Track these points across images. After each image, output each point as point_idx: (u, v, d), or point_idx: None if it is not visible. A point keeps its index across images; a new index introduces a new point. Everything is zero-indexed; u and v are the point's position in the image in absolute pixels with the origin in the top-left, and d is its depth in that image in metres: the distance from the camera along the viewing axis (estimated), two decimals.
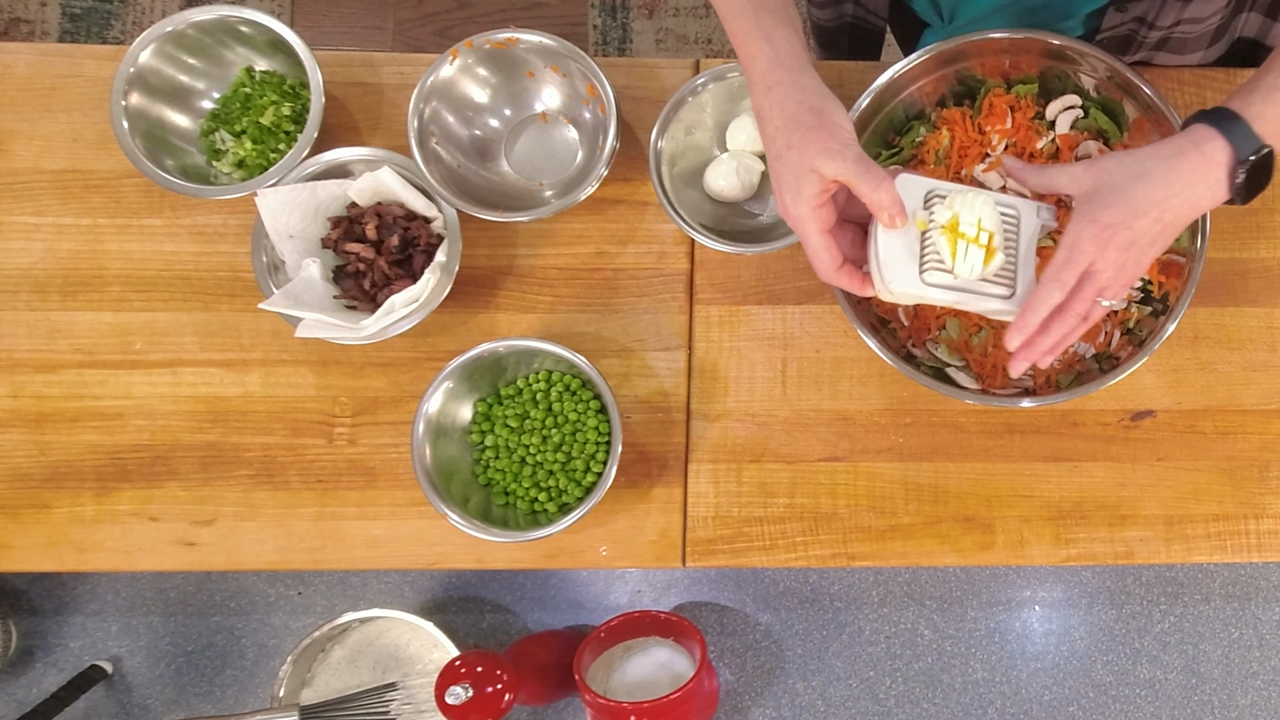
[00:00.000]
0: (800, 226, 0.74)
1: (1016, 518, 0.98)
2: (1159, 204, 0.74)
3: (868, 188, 0.72)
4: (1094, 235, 0.73)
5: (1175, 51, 1.00)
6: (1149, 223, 0.74)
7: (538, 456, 0.95)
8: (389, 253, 0.95)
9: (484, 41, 0.96)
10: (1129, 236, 0.73)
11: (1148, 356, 0.87)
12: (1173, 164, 0.75)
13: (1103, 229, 0.73)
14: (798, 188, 0.73)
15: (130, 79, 0.96)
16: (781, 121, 0.74)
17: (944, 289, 0.77)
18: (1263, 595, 1.07)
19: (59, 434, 0.98)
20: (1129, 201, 0.74)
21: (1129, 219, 0.73)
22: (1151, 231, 0.74)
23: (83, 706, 1.03)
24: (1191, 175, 0.74)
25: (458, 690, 0.85)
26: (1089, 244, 0.73)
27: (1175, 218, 0.75)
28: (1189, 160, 0.75)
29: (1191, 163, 0.75)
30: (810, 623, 1.06)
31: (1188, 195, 0.74)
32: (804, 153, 0.72)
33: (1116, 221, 0.73)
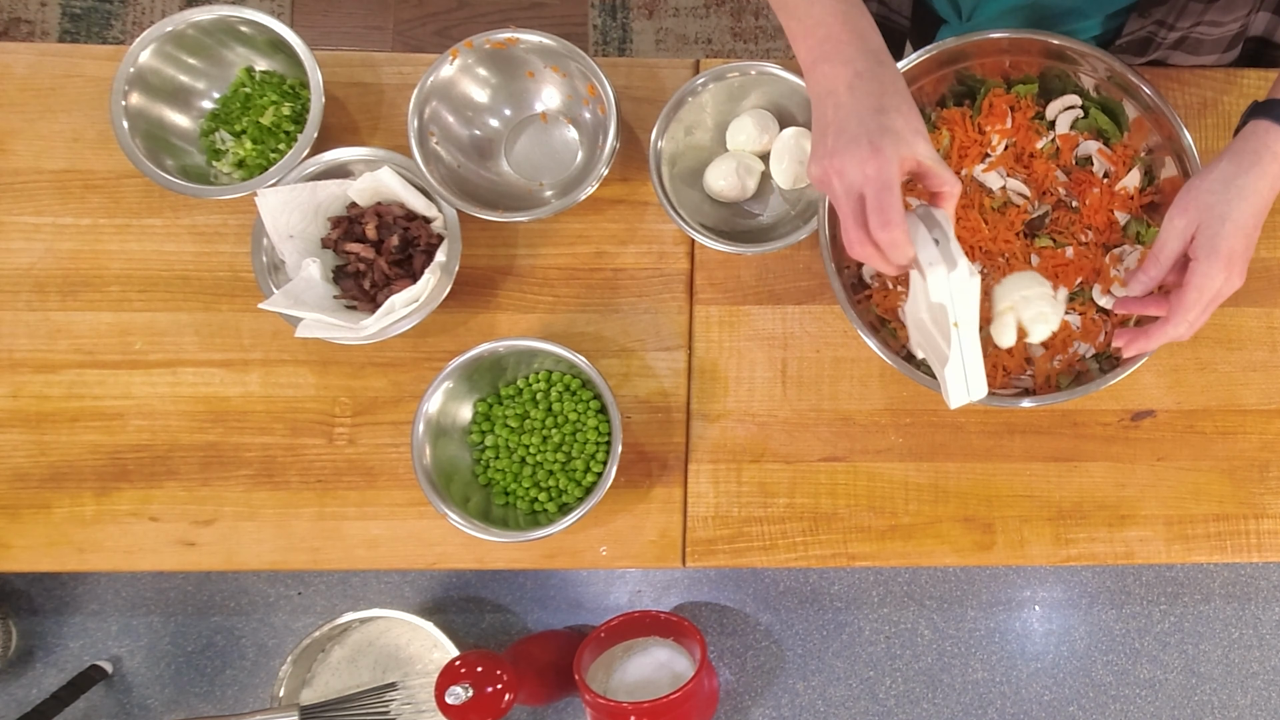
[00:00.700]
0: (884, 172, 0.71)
1: (1016, 518, 0.98)
2: (1259, 212, 0.78)
3: (950, 178, 0.74)
4: (1223, 267, 0.78)
5: (1190, 52, 1.00)
6: (1256, 231, 0.79)
7: (538, 456, 0.95)
8: (389, 253, 0.95)
9: (484, 41, 0.96)
10: (1248, 253, 0.79)
11: (1148, 356, 0.87)
12: (1260, 173, 0.78)
13: (1227, 260, 0.78)
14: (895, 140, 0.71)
15: (130, 79, 0.96)
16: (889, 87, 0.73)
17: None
18: (1263, 595, 1.07)
19: (59, 434, 0.98)
20: (1240, 225, 0.78)
21: (1244, 240, 0.78)
22: (1257, 234, 0.79)
23: (83, 706, 1.03)
24: (1276, 177, 0.78)
25: (458, 690, 0.85)
26: (1219, 274, 0.78)
27: (1263, 218, 0.79)
28: (1267, 166, 0.78)
29: (1267, 165, 0.78)
30: (810, 623, 1.06)
31: (1269, 195, 0.79)
32: (908, 123, 0.72)
33: (1237, 248, 0.78)
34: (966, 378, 0.78)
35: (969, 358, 0.77)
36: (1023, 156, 0.96)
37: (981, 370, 0.78)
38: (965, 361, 0.77)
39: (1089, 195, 0.95)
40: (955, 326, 0.76)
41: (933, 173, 0.73)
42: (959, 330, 0.76)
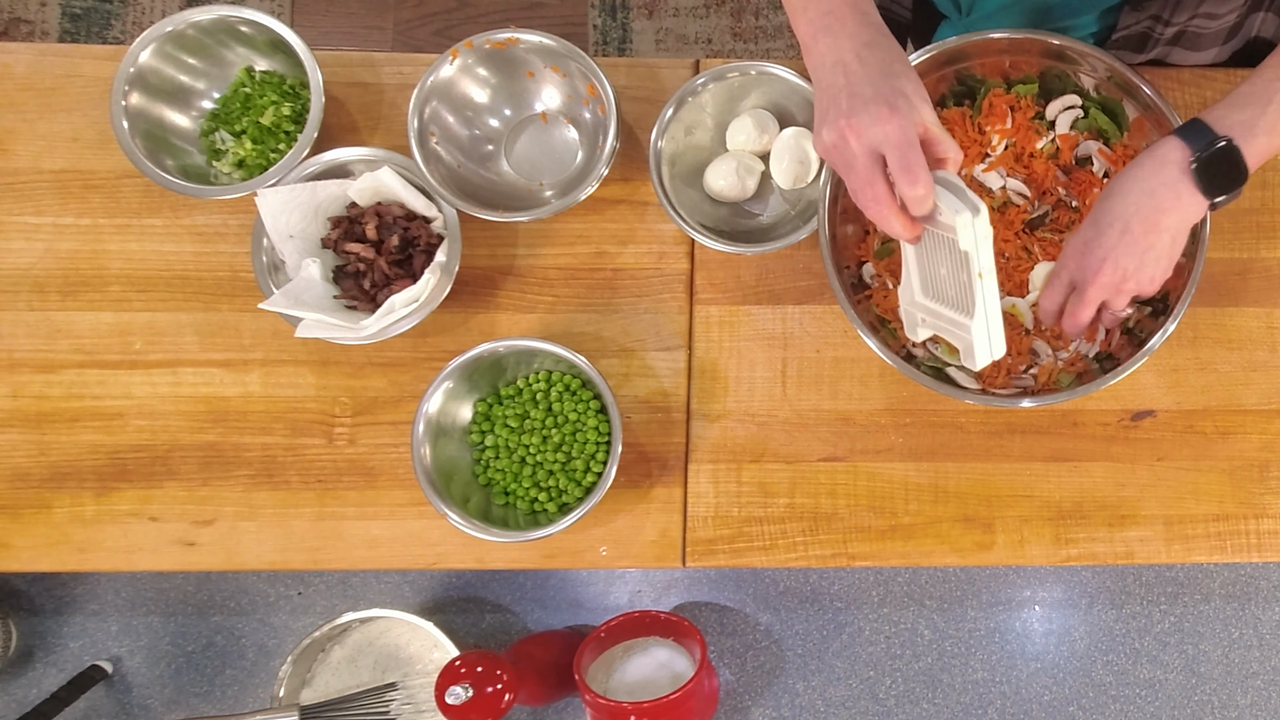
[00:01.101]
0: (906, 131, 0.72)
1: (1016, 518, 0.98)
2: (1119, 217, 0.79)
3: (952, 144, 0.75)
4: (1071, 254, 0.81)
5: (1189, 47, 1.00)
6: (1114, 236, 0.78)
7: (538, 456, 0.95)
8: (389, 253, 0.95)
9: (484, 41, 0.96)
10: (1099, 253, 0.79)
11: (1148, 356, 0.87)
12: (1128, 174, 0.79)
13: (1077, 247, 0.80)
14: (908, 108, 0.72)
15: (130, 79, 0.96)
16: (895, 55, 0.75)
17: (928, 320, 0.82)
18: (1263, 595, 1.07)
19: (59, 434, 0.98)
20: (1095, 221, 0.80)
21: (1095, 236, 0.79)
22: (1121, 244, 0.79)
23: (83, 706, 1.03)
24: (1146, 179, 0.78)
25: (458, 690, 0.85)
26: (1068, 260, 0.81)
27: (1143, 227, 0.79)
28: (1142, 167, 0.79)
29: (1144, 168, 0.79)
30: (810, 623, 1.06)
31: (1146, 200, 0.78)
32: (914, 91, 0.73)
33: (1088, 238, 0.80)
34: (989, 334, 0.79)
35: (991, 311, 0.78)
36: (1023, 156, 0.96)
37: (1001, 325, 0.79)
38: (989, 316, 0.78)
39: (1089, 195, 0.95)
40: (980, 278, 0.76)
41: (937, 139, 0.75)
42: (984, 281, 0.76)
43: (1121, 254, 0.78)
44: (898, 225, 0.75)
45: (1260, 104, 0.78)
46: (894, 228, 0.75)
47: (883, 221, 0.75)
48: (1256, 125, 0.77)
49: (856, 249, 0.97)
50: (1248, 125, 0.77)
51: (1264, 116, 0.77)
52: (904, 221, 0.75)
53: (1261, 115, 0.77)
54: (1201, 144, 0.77)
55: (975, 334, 0.79)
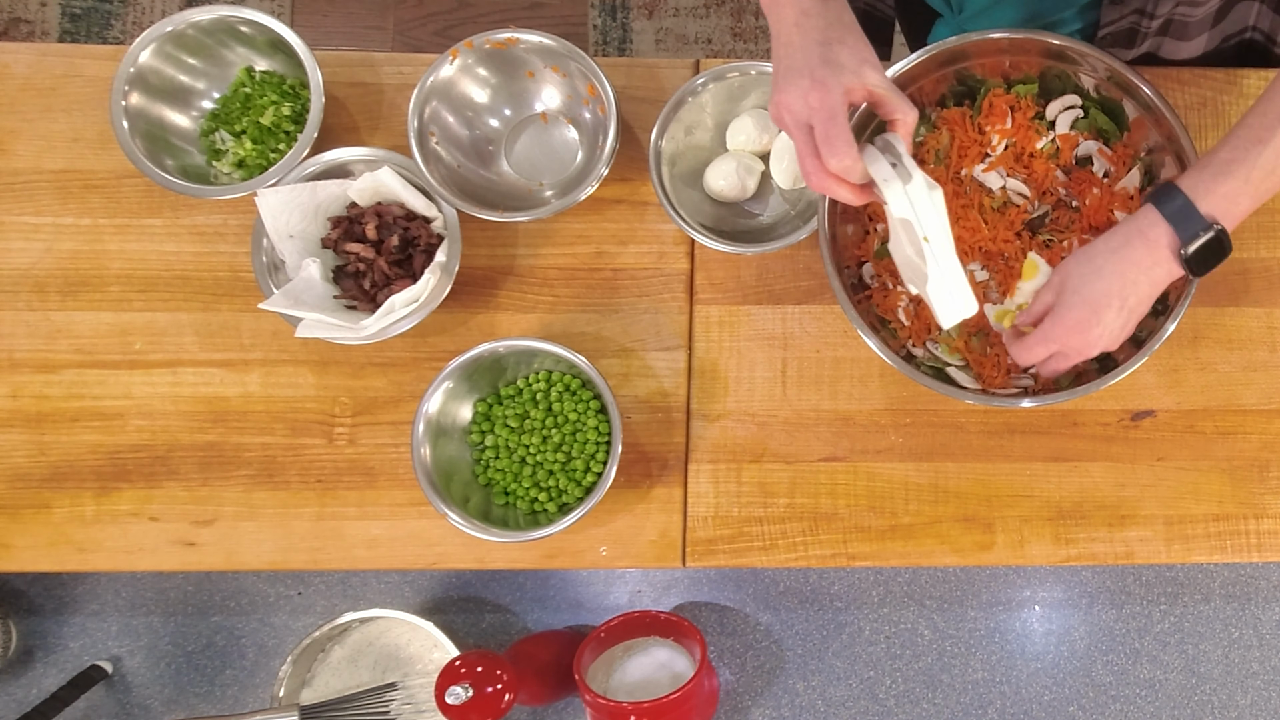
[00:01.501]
0: (827, 100, 0.72)
1: (1016, 518, 0.98)
2: (1117, 295, 0.80)
3: (904, 105, 0.75)
4: (1064, 331, 0.81)
5: (1178, 37, 1.00)
6: (1113, 315, 0.80)
7: (538, 456, 0.95)
8: (389, 253, 0.95)
9: (484, 41, 0.96)
10: (1097, 331, 0.80)
11: (1148, 356, 0.87)
12: (1122, 255, 0.80)
13: (1069, 327, 0.81)
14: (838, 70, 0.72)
15: (130, 79, 0.96)
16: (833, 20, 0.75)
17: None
18: (1263, 595, 1.07)
19: (59, 434, 0.98)
20: (1088, 301, 0.80)
21: (1092, 316, 0.80)
22: (1119, 320, 0.80)
23: (83, 706, 1.03)
24: (1141, 263, 0.80)
25: (458, 690, 0.85)
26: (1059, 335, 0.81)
27: (1138, 299, 0.81)
28: (1135, 250, 0.80)
29: (1138, 252, 0.80)
30: (810, 623, 1.06)
31: (1143, 280, 0.80)
32: (854, 53, 0.73)
33: (1082, 319, 0.80)
34: (952, 295, 0.79)
35: (948, 272, 0.78)
36: (1023, 156, 0.96)
37: (966, 285, 0.79)
38: (945, 276, 0.78)
39: (1089, 195, 0.95)
40: (925, 241, 0.77)
41: (885, 100, 0.75)
42: (930, 245, 0.77)
43: (1116, 327, 0.81)
44: (844, 194, 0.76)
45: (1244, 171, 0.77)
46: (841, 196, 0.76)
47: (827, 192, 0.76)
48: (1240, 195, 0.77)
49: (856, 249, 0.97)
50: (1232, 200, 0.77)
51: (1248, 184, 0.77)
52: (849, 190, 0.76)
53: (1245, 184, 0.77)
54: (1189, 233, 0.78)
55: (933, 296, 0.79)
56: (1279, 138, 0.76)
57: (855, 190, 0.76)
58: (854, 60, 0.73)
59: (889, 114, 0.76)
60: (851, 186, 0.76)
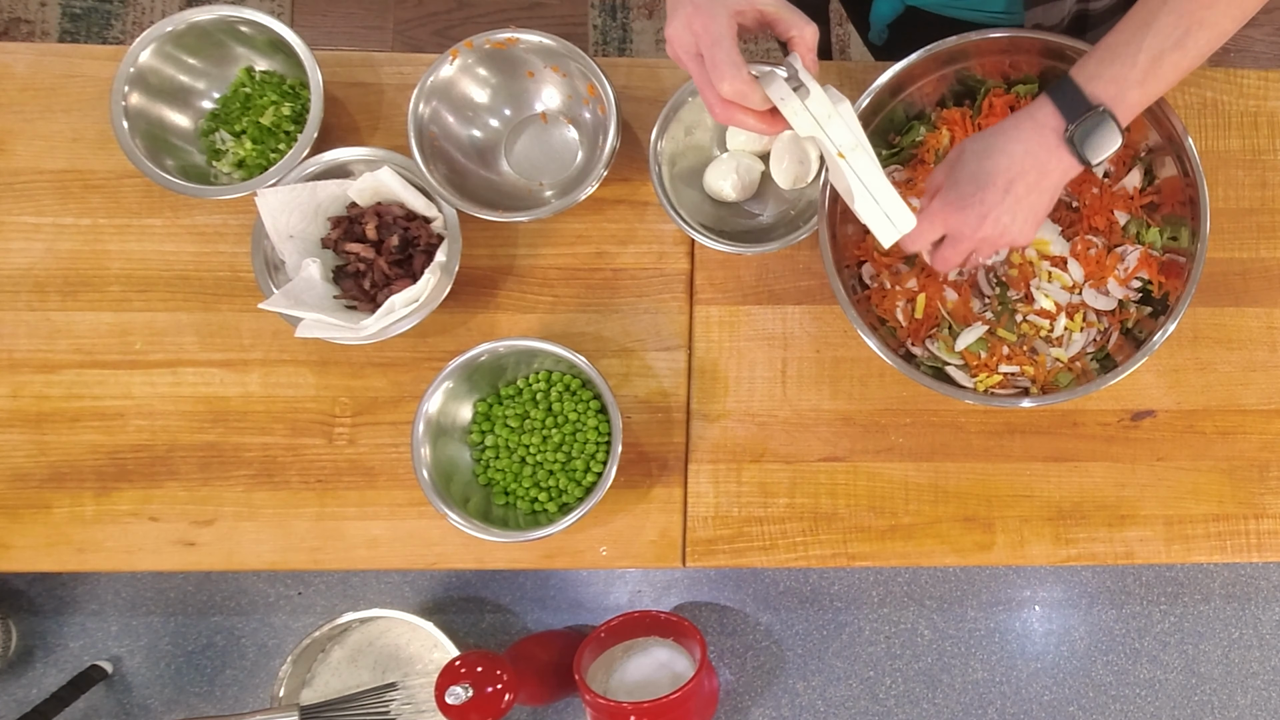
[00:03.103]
0: (714, 26, 0.70)
1: (1016, 518, 0.98)
2: (1003, 173, 0.78)
3: (798, 20, 0.73)
4: (946, 208, 0.79)
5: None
6: (996, 195, 0.78)
7: (538, 456, 0.95)
8: (389, 253, 0.95)
9: (484, 41, 0.96)
10: (980, 211, 0.79)
11: (1148, 356, 0.87)
12: (1009, 135, 0.79)
13: (951, 204, 0.79)
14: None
15: (130, 79, 0.96)
16: None
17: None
18: (1263, 595, 1.07)
19: (59, 434, 0.98)
20: (974, 177, 0.79)
21: (976, 192, 0.79)
22: (1003, 204, 0.79)
23: (83, 706, 1.03)
24: (1027, 143, 0.78)
25: (458, 690, 0.85)
26: (941, 213, 0.80)
27: (1025, 187, 0.79)
28: (1023, 129, 0.79)
29: (1025, 131, 0.79)
30: (810, 623, 1.06)
31: (1029, 162, 0.78)
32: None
33: (965, 195, 0.79)
34: (883, 211, 0.77)
35: (873, 187, 0.76)
36: None
37: (896, 199, 0.77)
38: (872, 192, 0.76)
39: (1088, 195, 0.95)
40: (840, 158, 0.74)
41: (779, 19, 0.73)
42: (846, 160, 0.74)
43: (1003, 212, 0.79)
44: (750, 122, 0.73)
45: (1129, 54, 0.76)
46: (748, 125, 0.73)
47: (732, 122, 0.73)
48: (1128, 81, 0.76)
49: (856, 249, 0.97)
50: (1119, 83, 0.76)
51: (1134, 68, 0.76)
52: (754, 118, 0.73)
53: (1132, 68, 0.76)
54: (1077, 113, 0.77)
55: (863, 215, 0.77)
56: (1161, 20, 0.75)
57: (761, 118, 0.73)
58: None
59: (784, 32, 0.73)
60: (756, 114, 0.73)
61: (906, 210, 0.78)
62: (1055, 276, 0.94)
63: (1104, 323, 0.95)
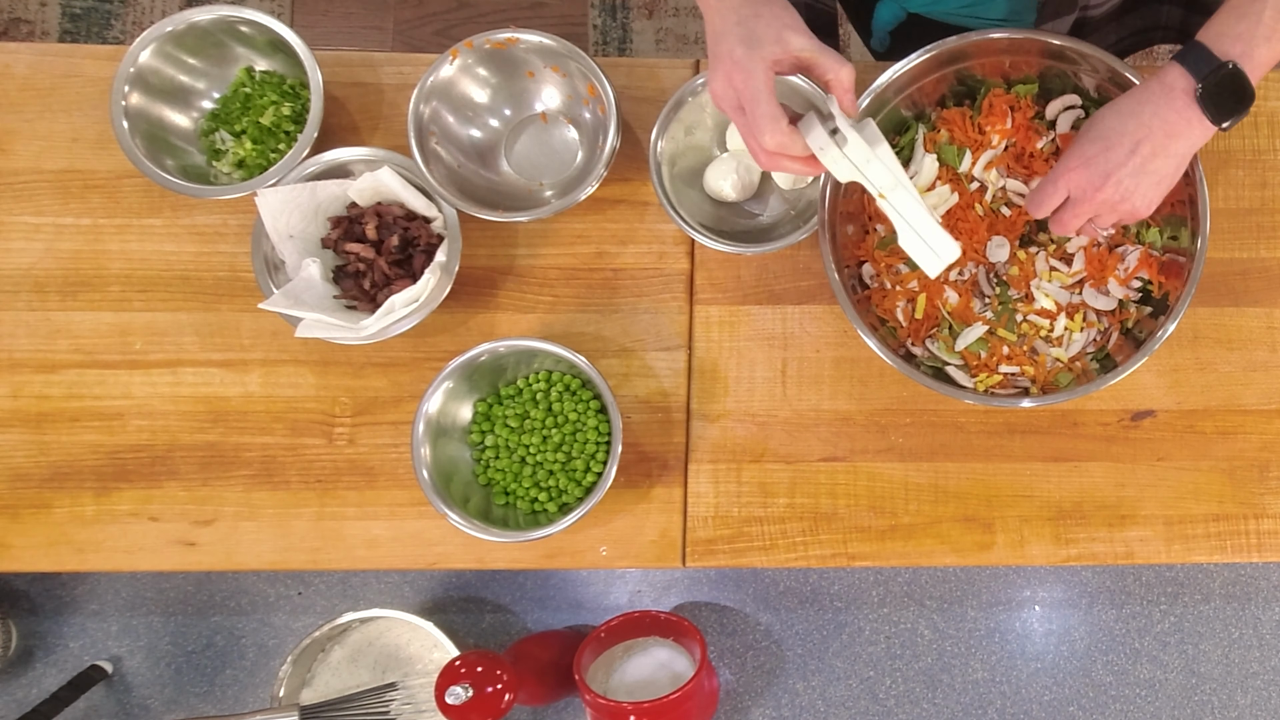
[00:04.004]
0: (752, 81, 0.72)
1: (1016, 518, 0.98)
2: (1129, 135, 0.78)
3: (834, 64, 0.74)
4: (1069, 166, 0.79)
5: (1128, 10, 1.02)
6: (1121, 154, 0.78)
7: (538, 456, 0.95)
8: (389, 253, 0.95)
9: (484, 41, 0.96)
10: (1103, 169, 0.78)
11: (1148, 356, 0.87)
12: (1138, 98, 0.79)
13: (1080, 160, 0.79)
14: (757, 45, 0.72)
15: (130, 79, 0.96)
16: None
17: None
18: (1263, 595, 1.07)
19: (59, 434, 0.98)
20: (1103, 136, 0.79)
21: (1102, 152, 0.79)
22: (1128, 164, 0.78)
23: (83, 706, 1.03)
24: (1156, 104, 0.78)
25: (458, 690, 0.85)
26: (1064, 174, 0.79)
27: (1152, 149, 0.78)
28: (1150, 90, 0.79)
29: (1153, 93, 0.79)
30: (810, 623, 1.06)
31: (1158, 123, 0.78)
32: (770, 23, 0.73)
33: (1092, 154, 0.79)
34: (927, 243, 0.78)
35: (915, 222, 0.78)
36: (1023, 156, 0.96)
37: (939, 231, 0.78)
38: (915, 226, 0.78)
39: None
40: (881, 198, 0.76)
41: (815, 63, 0.74)
42: (888, 201, 0.76)
43: (1126, 174, 0.78)
44: (795, 168, 0.75)
45: (1255, 13, 0.76)
46: (794, 170, 0.76)
47: (778, 169, 0.76)
48: (1255, 37, 0.76)
49: (856, 249, 0.97)
50: (1246, 40, 0.76)
51: (1260, 25, 0.76)
52: (799, 164, 0.75)
53: (1258, 25, 0.76)
54: (1205, 71, 0.77)
55: (909, 249, 0.79)
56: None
57: (805, 162, 0.75)
58: (772, 30, 0.72)
59: (820, 75, 0.74)
60: (801, 159, 0.75)
61: (950, 240, 0.79)
62: (1056, 275, 0.94)
63: (1104, 323, 0.95)
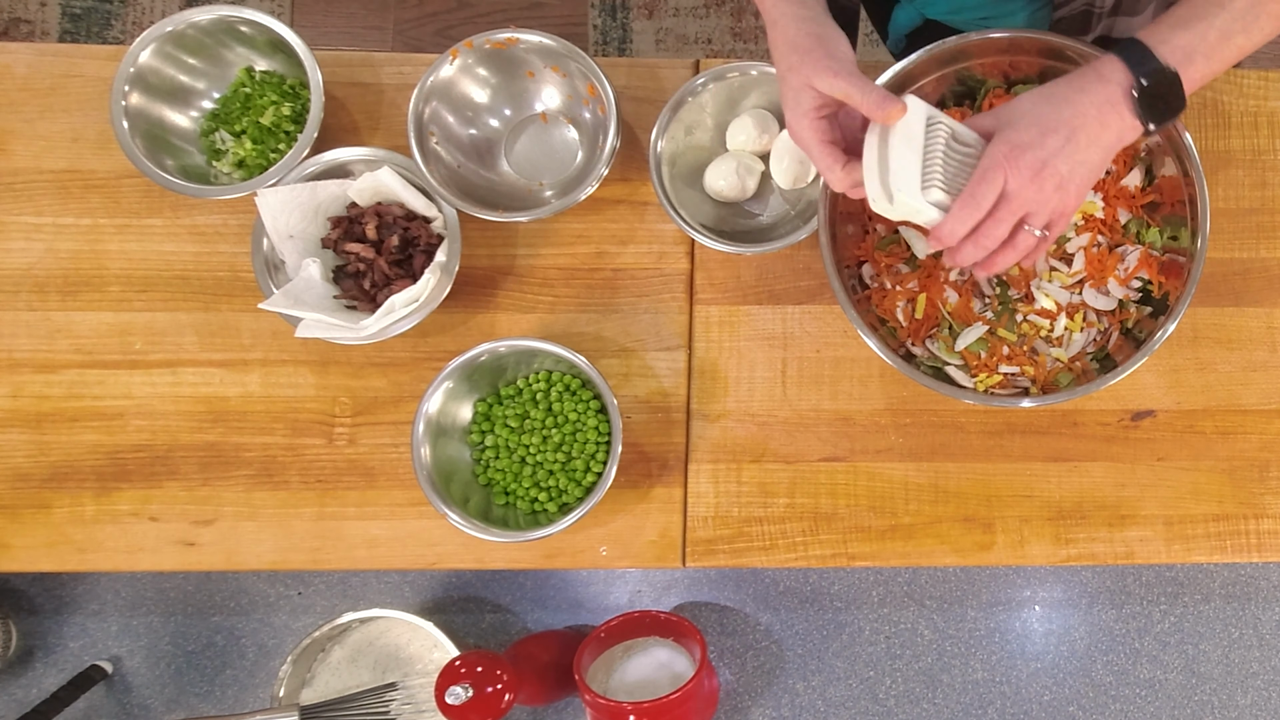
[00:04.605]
0: (801, 137, 0.79)
1: (1016, 518, 0.98)
2: (1065, 123, 0.75)
3: (860, 94, 0.75)
4: (1004, 154, 0.74)
5: (1129, 13, 1.01)
6: (1058, 141, 0.75)
7: (538, 456, 0.95)
8: (389, 253, 0.95)
9: (484, 41, 0.96)
10: (1040, 155, 0.74)
11: (1148, 356, 0.87)
12: (1075, 85, 0.77)
13: (1012, 148, 0.74)
14: (797, 103, 0.78)
15: (130, 79, 0.96)
16: (785, 48, 0.79)
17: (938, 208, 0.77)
18: (1263, 595, 1.07)
19: (59, 434, 0.98)
20: (1036, 122, 0.76)
21: (1037, 138, 0.75)
22: (1063, 151, 0.75)
23: (83, 706, 1.03)
24: (1093, 95, 0.77)
25: (458, 690, 0.85)
26: (1000, 163, 0.75)
27: (1087, 139, 0.76)
28: (1088, 81, 0.77)
29: (1090, 82, 0.77)
30: (810, 623, 1.06)
31: (1093, 115, 0.76)
32: (800, 72, 0.77)
33: (1025, 141, 0.74)
34: None
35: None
36: None
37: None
38: None
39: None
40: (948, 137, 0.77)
41: (850, 101, 0.76)
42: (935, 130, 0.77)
43: (1062, 161, 0.75)
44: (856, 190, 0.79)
45: (1201, 27, 0.77)
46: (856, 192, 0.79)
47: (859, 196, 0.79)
48: (1195, 50, 0.76)
49: (856, 249, 0.97)
50: (1187, 50, 0.76)
51: (1204, 41, 0.76)
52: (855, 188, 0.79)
53: (1202, 40, 0.76)
54: (1144, 70, 0.76)
55: None
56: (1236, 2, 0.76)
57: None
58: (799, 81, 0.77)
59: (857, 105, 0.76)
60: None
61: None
62: (1056, 275, 0.94)
63: (1104, 323, 0.95)
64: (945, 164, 0.76)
